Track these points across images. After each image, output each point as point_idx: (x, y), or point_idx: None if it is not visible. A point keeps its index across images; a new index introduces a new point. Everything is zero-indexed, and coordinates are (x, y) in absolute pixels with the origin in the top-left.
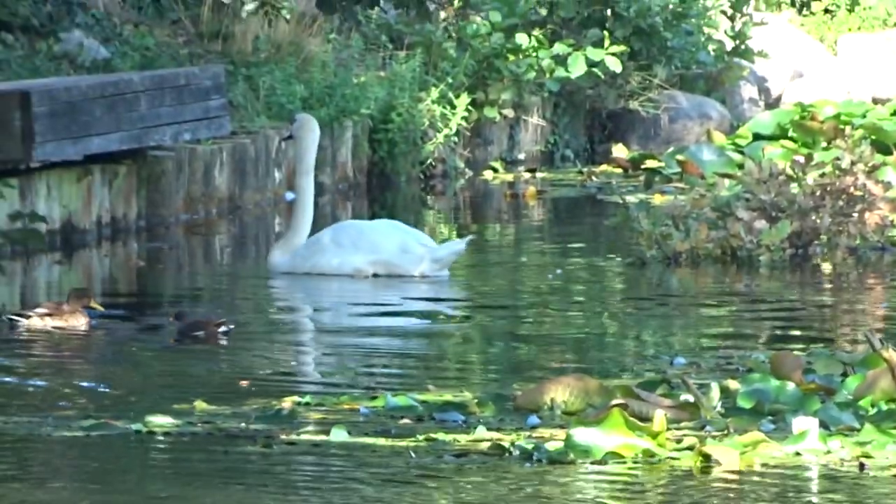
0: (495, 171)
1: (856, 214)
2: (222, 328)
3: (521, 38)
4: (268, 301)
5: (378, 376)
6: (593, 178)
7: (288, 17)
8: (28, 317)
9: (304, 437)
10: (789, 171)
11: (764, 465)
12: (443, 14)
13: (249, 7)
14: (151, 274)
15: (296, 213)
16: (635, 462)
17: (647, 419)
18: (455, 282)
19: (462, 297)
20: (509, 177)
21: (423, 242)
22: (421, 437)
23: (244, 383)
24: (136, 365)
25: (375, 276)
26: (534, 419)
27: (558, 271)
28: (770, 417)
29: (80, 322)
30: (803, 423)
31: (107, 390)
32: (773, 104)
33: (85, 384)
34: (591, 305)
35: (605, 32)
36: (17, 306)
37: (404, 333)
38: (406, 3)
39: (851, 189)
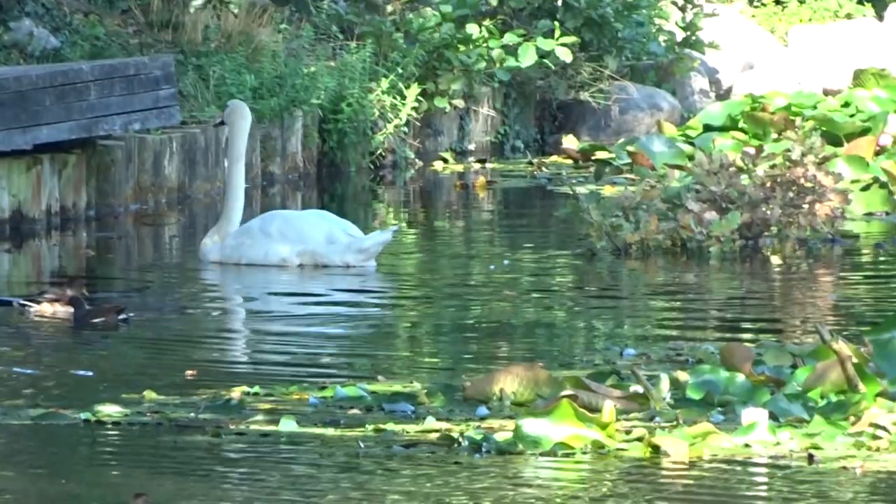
0: (445, 161)
1: (806, 206)
2: (122, 315)
3: (472, 29)
4: (212, 291)
5: (327, 366)
6: (543, 168)
7: (236, 11)
8: (38, 302)
9: (253, 426)
10: (740, 163)
11: (713, 456)
12: (390, 7)
13: (197, 3)
14: (101, 263)
15: (227, 200)
16: (584, 453)
17: (596, 410)
18: (404, 272)
19: (411, 287)
20: (459, 167)
21: (350, 232)
22: (370, 428)
23: (190, 373)
24: (85, 354)
25: (301, 266)
26: (483, 410)
27: (505, 262)
28: (719, 409)
29: (81, 310)
30: (753, 415)
31: (55, 379)
32: (723, 95)
33: (32, 372)
34: (540, 296)
35: (556, 23)
36: None
37: (352, 324)
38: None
39: (802, 180)
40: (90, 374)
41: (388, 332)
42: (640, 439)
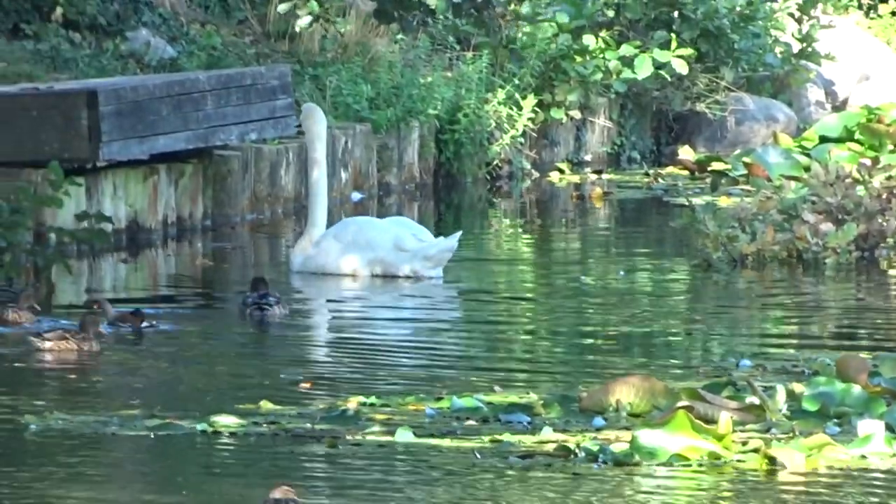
0: (562, 172)
1: None
2: (144, 323)
3: (588, 40)
4: (322, 301)
5: (443, 377)
6: (659, 179)
7: (342, 31)
8: (270, 305)
9: (369, 437)
10: (856, 174)
11: (829, 467)
12: (502, 23)
13: (303, 22)
14: (217, 273)
15: (310, 206)
16: (700, 464)
17: (712, 421)
18: (519, 282)
19: (525, 298)
20: (576, 178)
21: (421, 238)
22: (486, 439)
23: (305, 385)
24: (201, 364)
25: (373, 276)
26: (599, 421)
27: (622, 273)
28: (836, 420)
29: (286, 310)
30: (869, 426)
31: (172, 389)
32: (839, 107)
33: (150, 383)
34: (656, 307)
35: (672, 34)
36: (84, 306)
37: (466, 334)
38: (463, 14)
39: None
40: (205, 383)
41: (503, 342)
42: (756, 451)
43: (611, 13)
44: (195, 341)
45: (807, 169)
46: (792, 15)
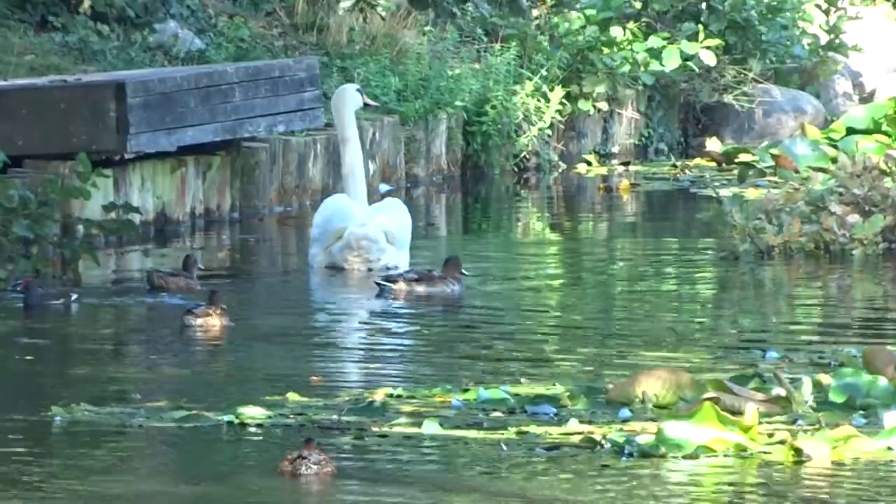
0: (589, 164)
1: None
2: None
3: (616, 32)
4: (345, 294)
5: (469, 369)
6: (687, 171)
7: (384, 14)
8: (395, 281)
9: (396, 429)
10: (883, 166)
11: (855, 459)
12: (536, 12)
13: (345, 4)
14: (243, 265)
15: (345, 186)
16: (727, 456)
17: (738, 413)
18: (546, 273)
19: (553, 289)
20: (603, 170)
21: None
22: (513, 430)
23: (315, 380)
24: (227, 356)
25: (331, 268)
26: (625, 412)
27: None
28: (862, 412)
29: (454, 288)
30: (895, 418)
31: (198, 380)
32: (867, 98)
33: (175, 374)
34: (683, 299)
35: (700, 26)
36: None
37: (495, 325)
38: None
39: None
40: (232, 375)
41: (529, 333)
42: (782, 442)
43: (638, 5)
44: (220, 333)
45: (834, 160)
46: (819, 6)
